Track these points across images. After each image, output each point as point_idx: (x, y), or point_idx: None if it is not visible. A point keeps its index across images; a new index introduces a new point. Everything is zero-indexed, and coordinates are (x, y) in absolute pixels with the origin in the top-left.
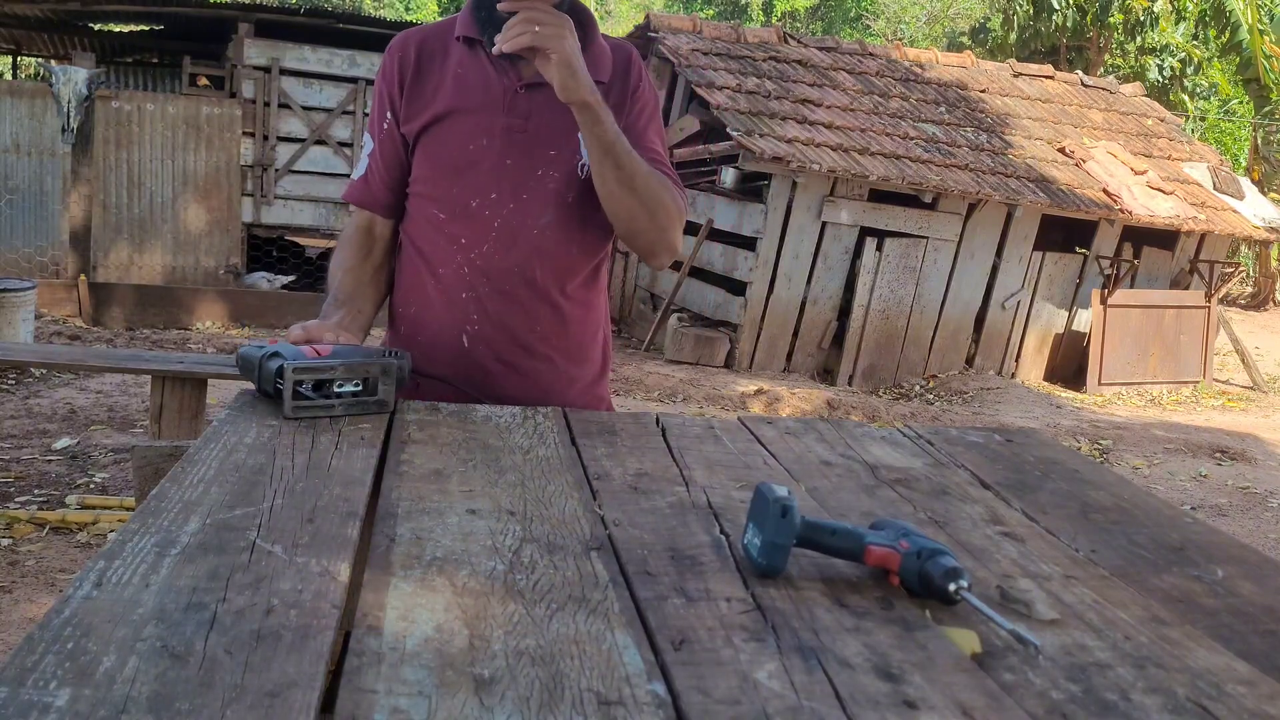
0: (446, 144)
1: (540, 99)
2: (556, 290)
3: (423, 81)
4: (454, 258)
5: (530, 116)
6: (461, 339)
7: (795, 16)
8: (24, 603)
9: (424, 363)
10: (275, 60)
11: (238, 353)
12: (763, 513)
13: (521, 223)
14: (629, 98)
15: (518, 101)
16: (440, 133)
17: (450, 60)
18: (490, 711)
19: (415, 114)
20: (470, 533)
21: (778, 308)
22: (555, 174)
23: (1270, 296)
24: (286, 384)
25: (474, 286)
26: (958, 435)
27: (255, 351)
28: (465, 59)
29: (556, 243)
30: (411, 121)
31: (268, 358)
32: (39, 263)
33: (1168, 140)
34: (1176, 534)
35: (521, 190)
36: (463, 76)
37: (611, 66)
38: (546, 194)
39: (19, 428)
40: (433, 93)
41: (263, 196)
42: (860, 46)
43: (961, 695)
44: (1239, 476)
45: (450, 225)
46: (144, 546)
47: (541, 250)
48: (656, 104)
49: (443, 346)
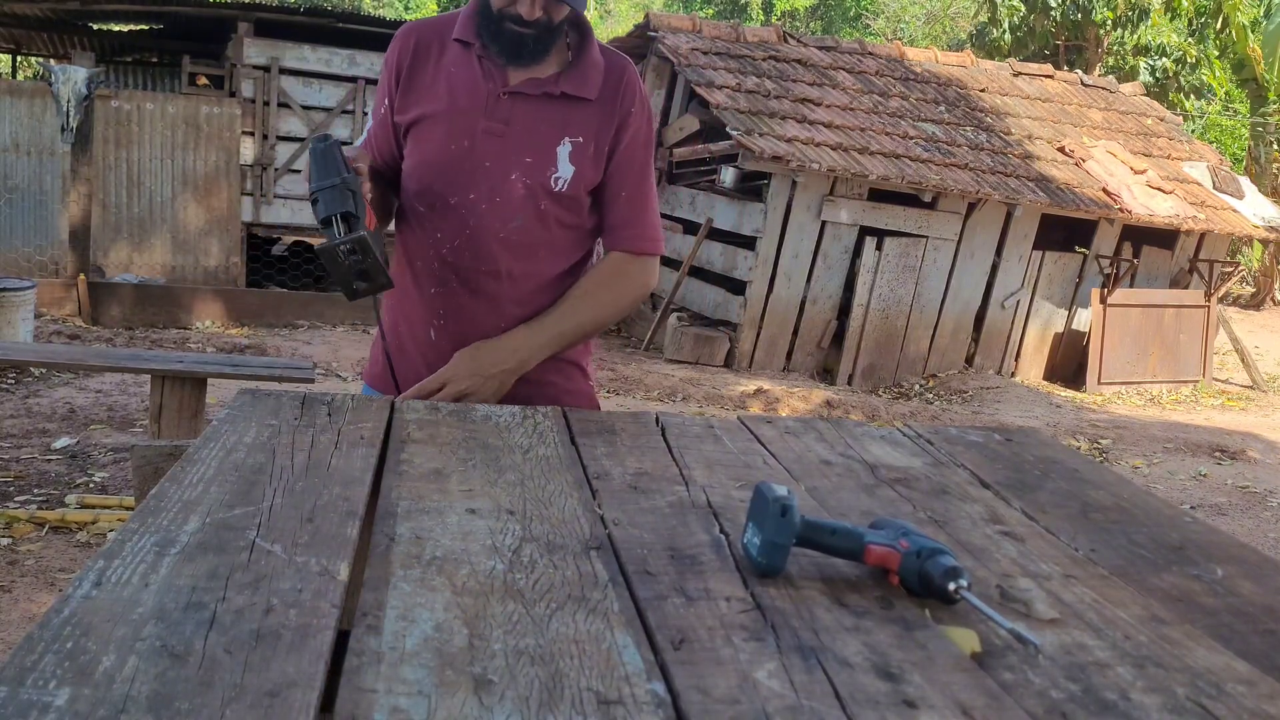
0: (431, 141)
1: (522, 106)
2: (527, 289)
3: (417, 75)
4: (427, 251)
5: (510, 122)
6: (429, 332)
7: (795, 16)
8: (24, 602)
9: (398, 354)
10: (275, 59)
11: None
12: (762, 512)
13: (492, 223)
14: (618, 119)
15: (499, 106)
16: (427, 129)
17: (445, 59)
18: (490, 711)
19: (407, 107)
20: (470, 532)
21: (777, 307)
22: (527, 180)
23: (1270, 296)
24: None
25: (444, 281)
26: (957, 435)
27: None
28: (459, 59)
29: (526, 245)
30: (403, 113)
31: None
32: (38, 262)
33: (1167, 139)
34: (1176, 533)
35: (495, 193)
36: (454, 76)
37: (601, 84)
38: (518, 198)
39: (18, 427)
40: (425, 89)
41: (262, 196)
42: (860, 46)
43: (961, 695)
44: (1238, 476)
45: (428, 219)
46: (143, 546)
47: (511, 250)
48: (650, 129)
49: (414, 338)
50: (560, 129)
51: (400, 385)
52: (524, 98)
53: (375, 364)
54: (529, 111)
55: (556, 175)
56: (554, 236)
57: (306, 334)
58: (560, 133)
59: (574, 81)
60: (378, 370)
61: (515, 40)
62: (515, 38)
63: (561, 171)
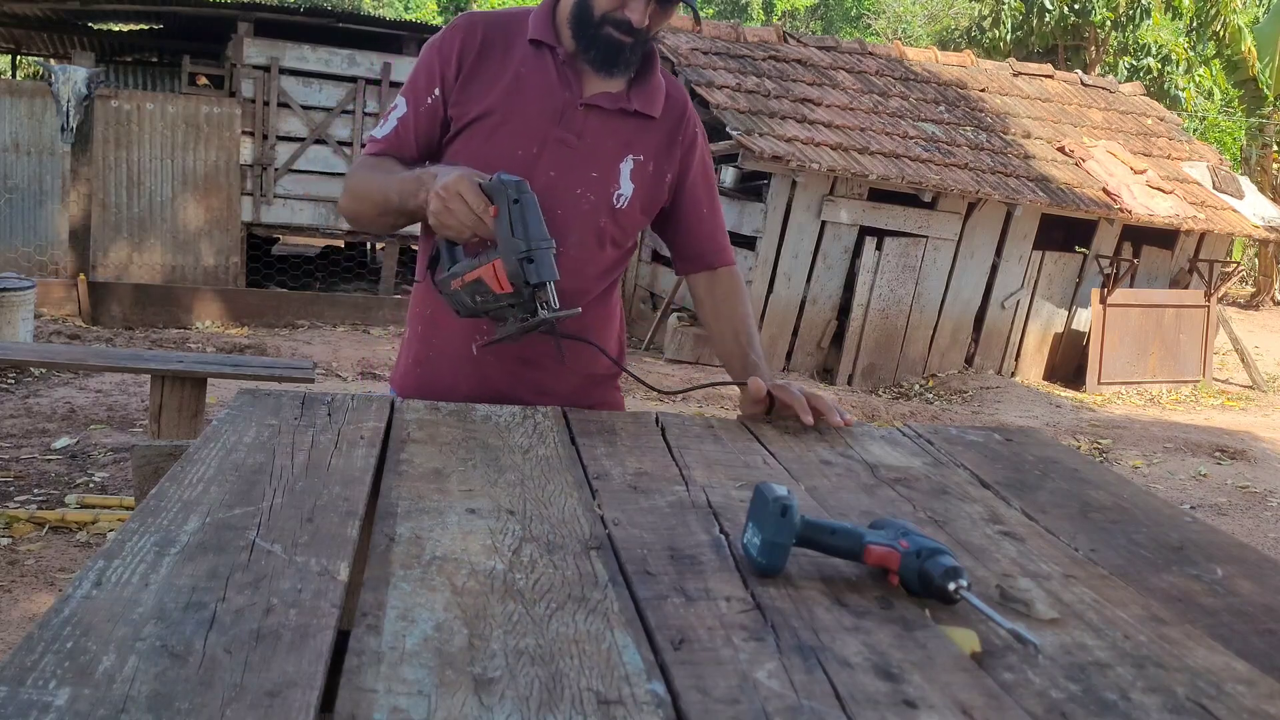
0: (492, 144)
1: (596, 119)
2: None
3: (482, 71)
4: None
5: (583, 135)
6: (470, 347)
7: (795, 16)
8: (24, 602)
9: (426, 364)
10: (275, 59)
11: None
12: (762, 512)
13: (559, 236)
14: (684, 142)
15: (574, 116)
16: (487, 130)
17: (513, 57)
18: (490, 711)
19: (467, 101)
20: (470, 532)
21: (777, 307)
22: (592, 196)
23: (1270, 295)
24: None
25: None
26: (957, 434)
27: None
28: (530, 60)
29: (579, 262)
30: (461, 107)
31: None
32: (38, 262)
33: (1167, 139)
34: (1176, 533)
35: (557, 206)
36: (524, 78)
37: (664, 105)
38: (580, 214)
39: (18, 427)
40: (489, 86)
41: (262, 196)
42: (860, 46)
43: (961, 694)
44: (1238, 475)
45: None
46: (143, 546)
47: (562, 267)
48: (707, 145)
49: (449, 353)
50: (626, 145)
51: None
52: (598, 111)
53: (410, 372)
54: (600, 125)
55: (619, 192)
56: (604, 256)
57: (306, 334)
58: (625, 149)
59: (643, 98)
60: (415, 379)
61: (614, 48)
62: (614, 45)
63: (623, 189)
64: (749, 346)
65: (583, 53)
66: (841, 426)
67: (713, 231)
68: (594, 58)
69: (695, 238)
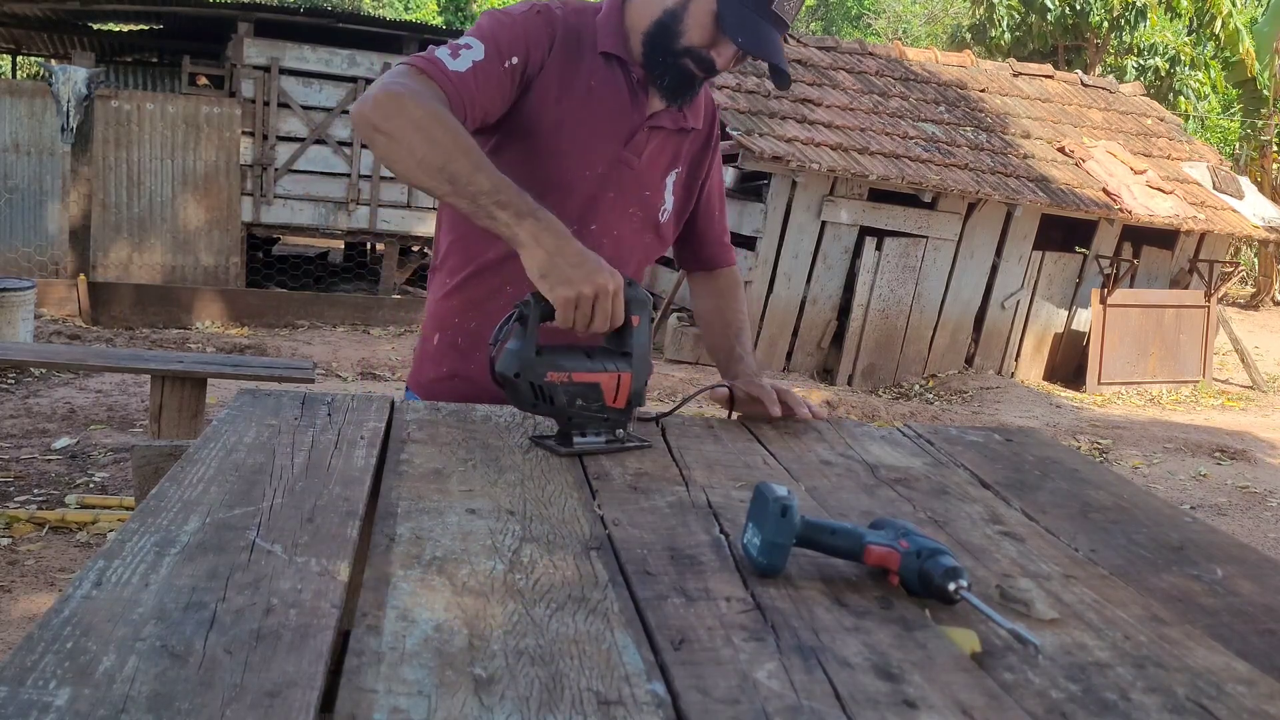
0: (560, 162)
1: (657, 140)
2: None
3: (558, 72)
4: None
5: (643, 155)
6: None
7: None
8: (23, 602)
9: (474, 389)
10: (275, 60)
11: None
12: (762, 512)
13: (614, 256)
14: (712, 147)
15: (639, 138)
16: (556, 144)
17: (584, 65)
18: (490, 711)
19: (543, 98)
20: (470, 532)
21: (777, 307)
22: (642, 214)
23: (1270, 296)
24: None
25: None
26: (957, 435)
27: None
28: (602, 73)
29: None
30: (534, 103)
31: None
32: (38, 262)
33: (1167, 140)
34: (1176, 533)
35: (613, 226)
36: (596, 91)
37: (704, 113)
38: (632, 231)
39: (18, 427)
40: (563, 92)
41: (262, 196)
42: (860, 46)
43: (961, 695)
44: (1238, 476)
45: None
46: (143, 546)
47: None
48: (720, 160)
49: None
50: (672, 160)
51: (465, 391)
52: (658, 131)
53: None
54: (658, 144)
55: (664, 208)
56: (642, 273)
57: (306, 334)
58: (672, 165)
59: (695, 113)
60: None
61: (688, 81)
62: (689, 79)
63: (667, 203)
64: (736, 340)
65: (651, 74)
66: (810, 420)
67: (721, 233)
68: (664, 85)
69: (707, 240)
